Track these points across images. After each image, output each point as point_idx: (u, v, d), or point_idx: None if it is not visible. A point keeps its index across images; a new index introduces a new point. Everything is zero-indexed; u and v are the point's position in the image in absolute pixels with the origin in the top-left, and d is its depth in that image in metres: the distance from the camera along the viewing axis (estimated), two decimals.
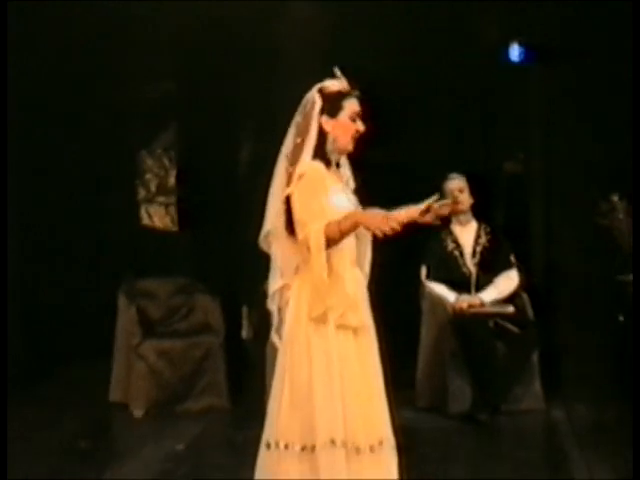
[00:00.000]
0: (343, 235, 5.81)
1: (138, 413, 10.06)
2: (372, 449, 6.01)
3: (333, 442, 5.86)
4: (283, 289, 6.06)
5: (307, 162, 5.95)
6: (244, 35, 11.23)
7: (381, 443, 6.04)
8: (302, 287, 5.97)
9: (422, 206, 6.04)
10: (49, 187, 11.70)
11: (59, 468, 8.33)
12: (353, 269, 6.08)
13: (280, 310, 6.07)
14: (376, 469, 6.04)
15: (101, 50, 11.40)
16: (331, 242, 5.79)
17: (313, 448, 5.92)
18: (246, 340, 10.42)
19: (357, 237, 6.08)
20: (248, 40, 11.28)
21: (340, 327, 5.90)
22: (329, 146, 6.04)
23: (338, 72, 6.11)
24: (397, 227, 5.68)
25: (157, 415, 9.97)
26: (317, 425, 5.91)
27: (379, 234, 5.65)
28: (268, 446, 6.03)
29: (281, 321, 6.06)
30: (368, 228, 5.79)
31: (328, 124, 6.01)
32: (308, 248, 5.83)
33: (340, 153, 6.14)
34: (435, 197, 6.09)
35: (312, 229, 5.77)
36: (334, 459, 5.88)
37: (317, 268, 5.80)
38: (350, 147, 6.11)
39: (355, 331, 5.98)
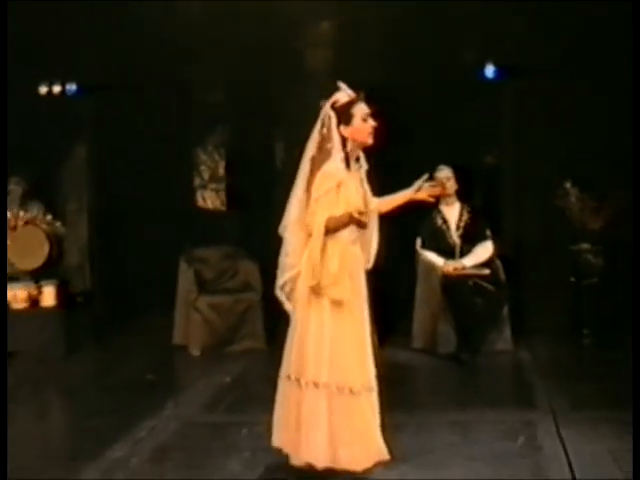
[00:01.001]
0: (338, 228, 5.96)
1: (195, 353, 10.08)
2: (355, 393, 6.07)
3: (316, 384, 5.95)
4: (289, 281, 6.13)
5: (329, 166, 5.98)
6: (277, 54, 11.23)
7: (367, 389, 6.10)
8: (307, 264, 6.04)
9: (415, 186, 6.27)
10: (128, 175, 11.70)
11: (133, 396, 8.35)
12: (350, 248, 6.12)
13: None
14: (361, 409, 6.11)
15: (168, 66, 11.39)
16: (329, 231, 5.92)
17: (305, 384, 6.01)
18: (278, 296, 10.39)
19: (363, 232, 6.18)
20: (281, 59, 11.28)
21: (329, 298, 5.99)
22: (349, 147, 6.07)
23: (342, 85, 6.12)
24: (366, 219, 5.94)
25: (209, 355, 9.98)
26: (307, 368, 5.97)
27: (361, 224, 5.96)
28: (282, 378, 6.17)
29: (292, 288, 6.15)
30: (351, 222, 5.96)
31: (346, 131, 6.06)
32: (310, 234, 5.96)
33: (360, 148, 6.19)
34: (425, 177, 6.17)
35: (315, 221, 5.91)
36: (315, 397, 5.99)
37: (314, 250, 5.94)
38: (369, 141, 6.15)
39: (344, 301, 6.03)
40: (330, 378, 6.00)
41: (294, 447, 6.10)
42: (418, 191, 6.33)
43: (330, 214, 5.93)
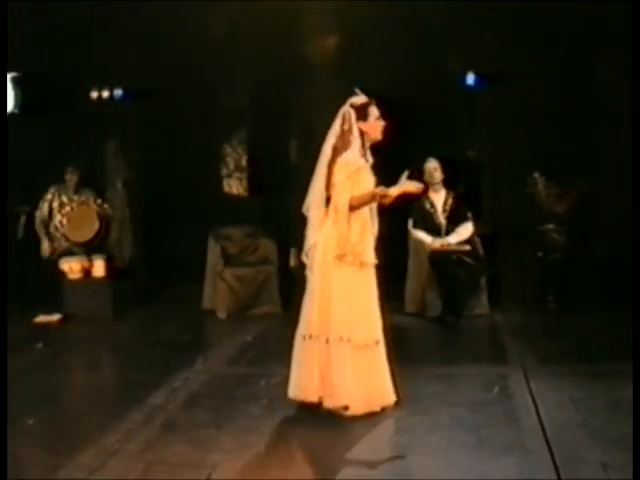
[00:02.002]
0: (360, 206, 6.11)
1: (222, 316, 10.07)
2: (369, 347, 6.17)
3: (341, 339, 6.02)
4: (314, 245, 6.16)
5: (348, 155, 6.15)
6: (291, 65, 11.24)
7: (377, 342, 6.16)
8: (327, 237, 6.10)
9: (401, 181, 6.26)
10: (166, 167, 11.70)
11: (169, 352, 8.37)
12: (370, 225, 6.25)
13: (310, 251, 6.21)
14: (374, 360, 6.15)
15: (200, 75, 11.42)
16: (353, 209, 6.07)
17: (328, 340, 6.06)
18: (292, 268, 10.39)
19: (371, 208, 6.25)
20: (293, 69, 11.29)
21: (350, 264, 6.07)
22: (365, 140, 6.15)
23: (358, 91, 6.23)
24: (386, 199, 6.13)
25: (234, 318, 9.97)
26: (331, 325, 6.03)
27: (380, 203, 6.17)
28: (302, 337, 6.20)
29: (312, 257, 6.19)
30: (373, 200, 6.14)
31: (363, 126, 6.16)
32: (336, 211, 6.06)
33: (372, 142, 6.30)
34: (407, 172, 6.23)
35: (341, 200, 6.03)
36: (341, 350, 6.02)
37: (341, 226, 6.07)
38: (379, 137, 6.29)
39: (360, 267, 6.14)
40: (351, 334, 6.07)
41: (324, 394, 6.14)
42: (407, 185, 6.36)
43: (352, 194, 6.06)
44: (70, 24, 10.90)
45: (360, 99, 6.26)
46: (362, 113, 6.20)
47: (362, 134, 6.20)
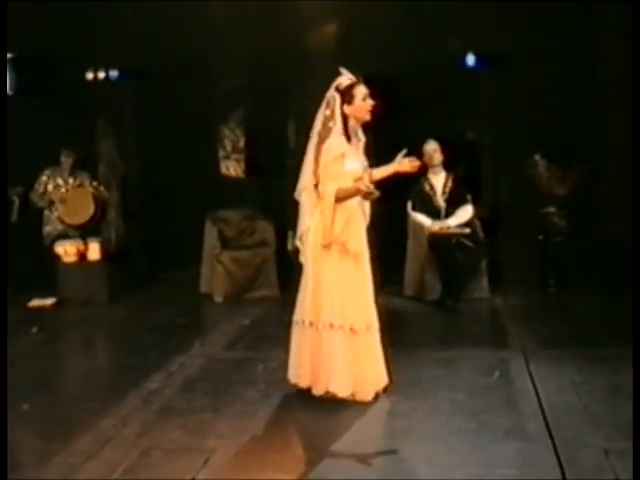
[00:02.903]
0: (346, 198, 6.06)
1: (218, 300, 10.05)
2: (361, 331, 6.16)
3: (331, 325, 6.01)
4: (307, 230, 6.16)
5: (333, 140, 6.05)
6: (290, 47, 11.21)
7: (368, 328, 6.15)
8: (317, 224, 6.08)
9: (397, 160, 6.22)
10: (163, 148, 11.67)
11: (166, 336, 8.36)
12: (356, 210, 6.18)
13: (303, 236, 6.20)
14: (365, 345, 6.16)
15: (198, 56, 11.40)
16: (338, 200, 6.02)
17: (318, 327, 6.08)
18: (289, 251, 10.38)
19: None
20: (292, 51, 11.27)
21: (338, 252, 6.07)
22: (351, 123, 6.15)
23: (343, 70, 6.16)
24: (371, 195, 6.03)
25: (231, 301, 9.95)
26: (322, 312, 6.03)
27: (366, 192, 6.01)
28: (296, 323, 6.25)
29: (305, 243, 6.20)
30: (358, 195, 6.05)
31: (349, 109, 6.15)
32: (322, 201, 6.08)
33: (360, 123, 6.22)
34: (404, 152, 6.19)
35: (327, 190, 6.05)
36: (331, 337, 6.06)
37: (326, 216, 6.05)
38: (368, 117, 6.21)
39: (347, 254, 6.11)
40: (343, 320, 6.07)
41: (313, 380, 6.17)
42: (400, 164, 6.31)
43: (337, 181, 6.01)
44: (65, 5, 10.85)
45: (345, 80, 6.16)
46: (347, 95, 6.10)
47: (346, 117, 6.11)
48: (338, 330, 6.07)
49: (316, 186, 6.09)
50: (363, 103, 6.13)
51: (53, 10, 10.84)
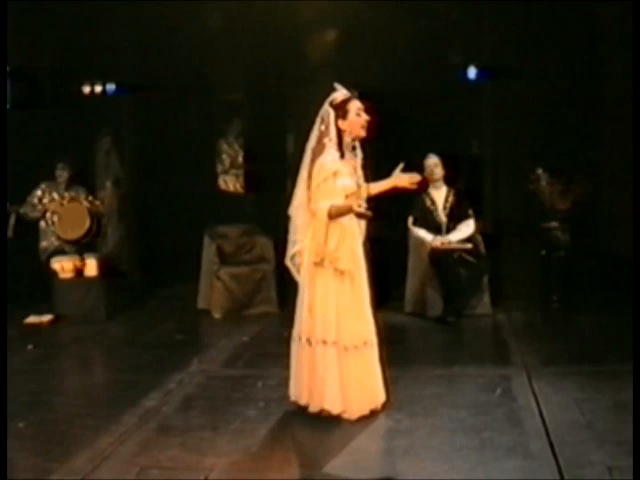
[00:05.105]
0: (339, 216, 6.03)
1: (217, 316, 10.04)
2: (357, 348, 6.16)
3: (325, 342, 6.02)
4: (297, 253, 6.21)
5: (326, 156, 6.07)
6: (287, 60, 11.26)
7: (365, 343, 6.14)
8: (310, 242, 6.13)
9: (394, 175, 6.26)
10: (160, 163, 11.75)
11: (164, 353, 8.36)
12: (350, 227, 6.15)
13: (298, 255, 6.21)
14: (362, 361, 6.17)
15: (195, 70, 11.45)
16: (331, 218, 6.00)
17: (312, 343, 6.11)
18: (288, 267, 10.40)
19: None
20: (290, 64, 11.31)
21: (331, 269, 6.07)
22: (346, 139, 6.13)
23: (338, 86, 6.16)
24: (365, 217, 6.07)
25: (229, 318, 9.95)
26: (316, 329, 6.02)
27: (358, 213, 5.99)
28: (294, 339, 6.28)
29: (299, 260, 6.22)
30: (351, 213, 6.01)
31: (343, 125, 6.12)
32: (315, 218, 6.08)
33: (355, 139, 6.19)
34: (401, 166, 6.19)
35: (319, 207, 6.03)
36: (325, 354, 6.06)
37: (318, 234, 6.05)
38: (362, 133, 6.20)
39: (341, 273, 6.10)
40: (337, 337, 6.07)
41: (309, 397, 6.18)
42: (399, 178, 6.32)
43: (330, 199, 6.00)
44: (62, 18, 10.89)
45: (339, 96, 6.16)
46: (341, 110, 6.10)
47: (341, 133, 6.11)
48: (332, 347, 6.06)
49: (309, 203, 6.11)
50: (357, 118, 6.12)
51: (50, 23, 10.89)
